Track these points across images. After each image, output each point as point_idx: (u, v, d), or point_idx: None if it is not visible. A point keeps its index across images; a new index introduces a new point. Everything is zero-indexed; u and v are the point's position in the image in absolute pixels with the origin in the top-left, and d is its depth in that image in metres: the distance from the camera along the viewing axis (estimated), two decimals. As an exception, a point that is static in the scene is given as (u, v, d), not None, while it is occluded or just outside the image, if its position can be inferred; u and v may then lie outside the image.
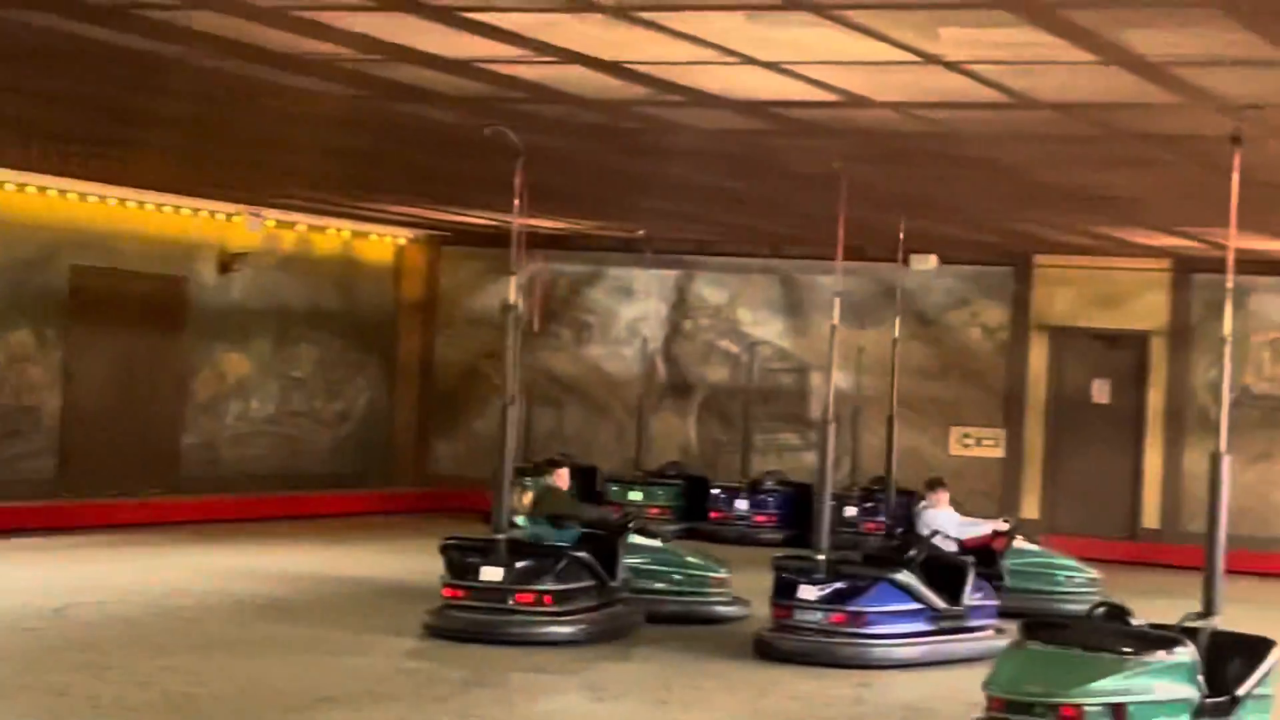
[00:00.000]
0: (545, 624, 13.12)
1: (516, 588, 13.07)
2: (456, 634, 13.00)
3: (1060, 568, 16.49)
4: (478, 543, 13.44)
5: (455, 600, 13.21)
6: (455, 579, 13.23)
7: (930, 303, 23.08)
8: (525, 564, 13.18)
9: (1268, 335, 21.56)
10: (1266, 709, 10.07)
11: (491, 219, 21.79)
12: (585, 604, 13.39)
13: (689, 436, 24.15)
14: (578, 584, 13.32)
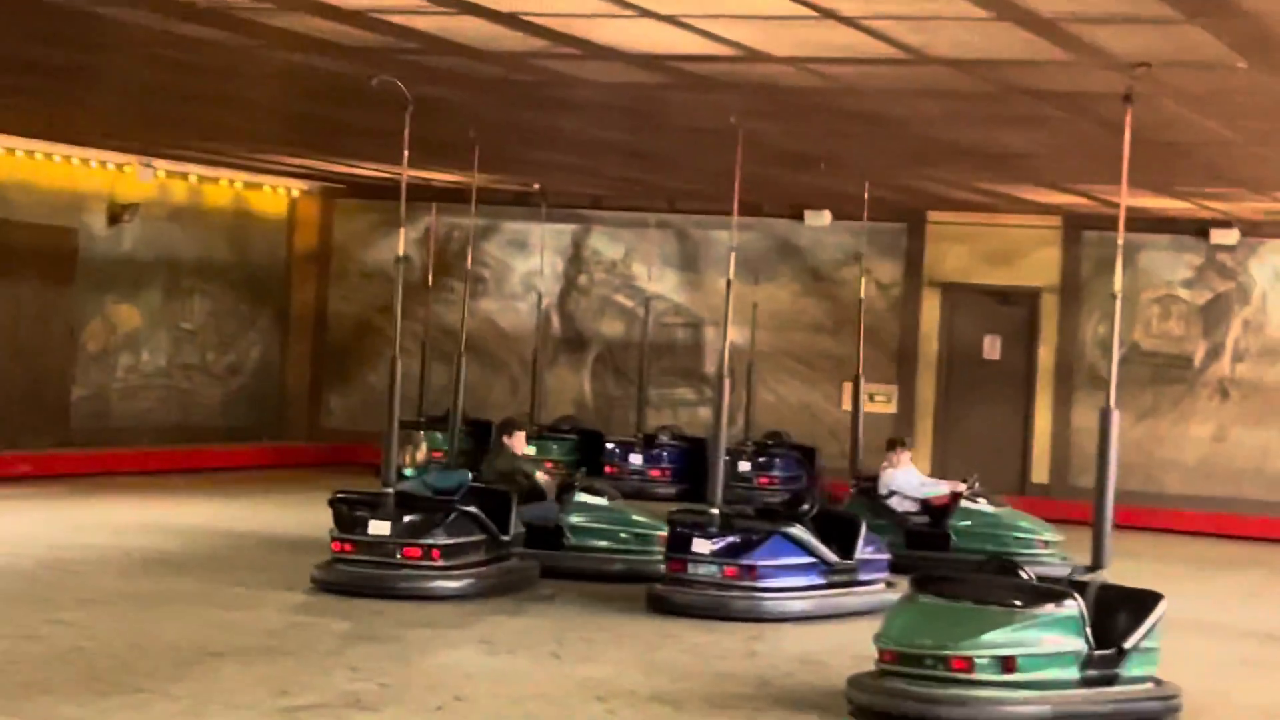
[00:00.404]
0: (434, 578, 13.08)
1: (404, 542, 13.02)
2: (344, 588, 12.94)
3: (1012, 529, 16.05)
4: (366, 496, 13.36)
5: (343, 554, 13.15)
6: (343, 533, 13.17)
7: (824, 259, 23.16)
8: (413, 518, 13.14)
9: (1157, 292, 21.80)
10: (1153, 661, 10.21)
11: (384, 171, 21.67)
12: (475, 558, 13.35)
13: (584, 391, 24.16)
14: (467, 538, 13.27)
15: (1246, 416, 21.43)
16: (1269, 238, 21.36)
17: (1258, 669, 12.34)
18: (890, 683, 9.72)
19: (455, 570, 13.16)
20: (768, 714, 9.82)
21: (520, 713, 9.48)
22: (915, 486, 16.27)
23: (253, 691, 9.61)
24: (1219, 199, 18.81)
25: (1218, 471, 21.35)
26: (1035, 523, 16.36)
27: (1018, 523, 16.19)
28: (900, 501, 16.25)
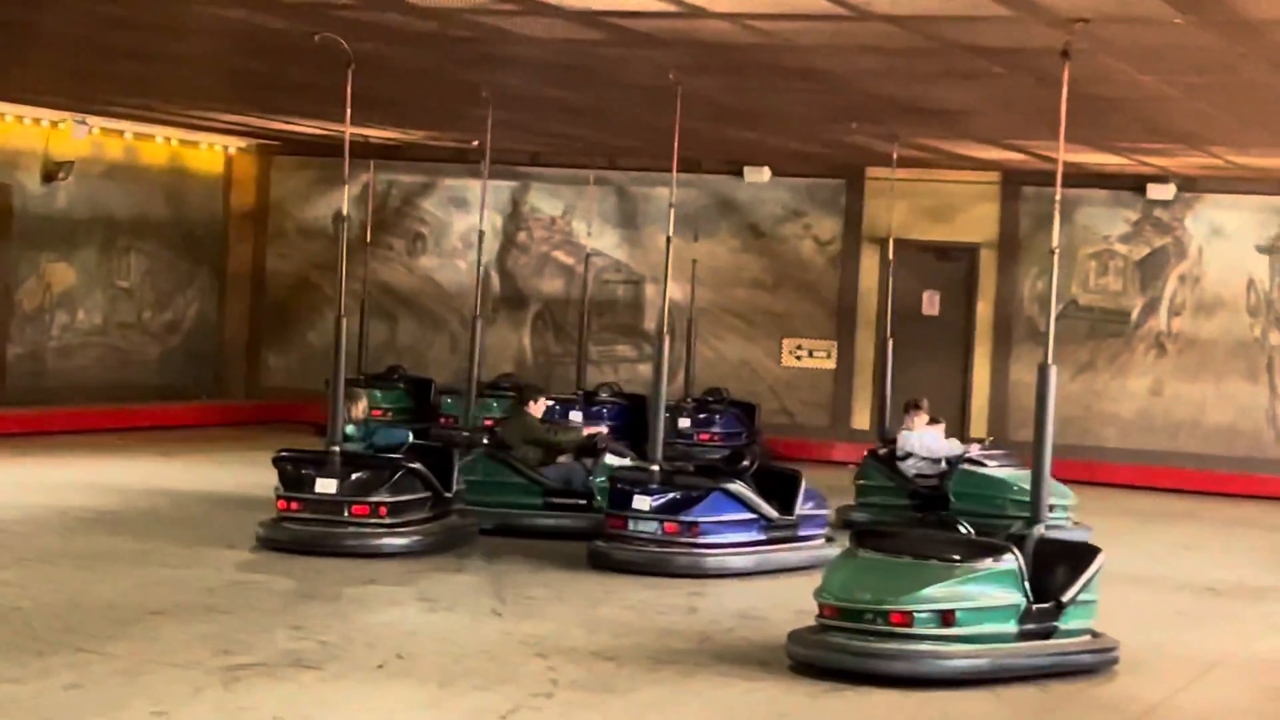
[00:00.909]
0: (381, 536, 13.08)
1: (352, 500, 13.01)
2: (290, 546, 12.93)
3: (1010, 490, 15.33)
4: (312, 455, 13.36)
5: (290, 512, 13.14)
6: (289, 491, 13.15)
7: (763, 215, 23.17)
8: (360, 476, 13.13)
9: (1094, 248, 21.90)
10: (1091, 614, 10.30)
11: (323, 128, 21.54)
12: (420, 515, 13.38)
13: (524, 348, 24.13)
14: (413, 495, 13.30)
15: (1183, 370, 21.58)
16: (1206, 193, 21.48)
17: (1194, 621, 12.46)
18: (830, 637, 9.77)
19: (402, 527, 13.16)
20: (709, 669, 9.86)
21: (461, 670, 9.49)
22: (943, 448, 15.99)
23: (193, 650, 9.58)
24: (1156, 154, 18.89)
25: (1155, 425, 21.50)
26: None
27: (1018, 484, 15.37)
28: (915, 464, 16.05)
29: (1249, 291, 21.37)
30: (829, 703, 9.22)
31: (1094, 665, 10.26)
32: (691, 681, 9.55)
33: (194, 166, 24.52)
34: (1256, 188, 21.14)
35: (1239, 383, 21.38)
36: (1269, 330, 21.29)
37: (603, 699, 9.03)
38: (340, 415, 13.34)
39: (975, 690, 9.55)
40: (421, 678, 9.27)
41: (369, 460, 13.40)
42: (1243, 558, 15.73)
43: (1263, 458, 21.13)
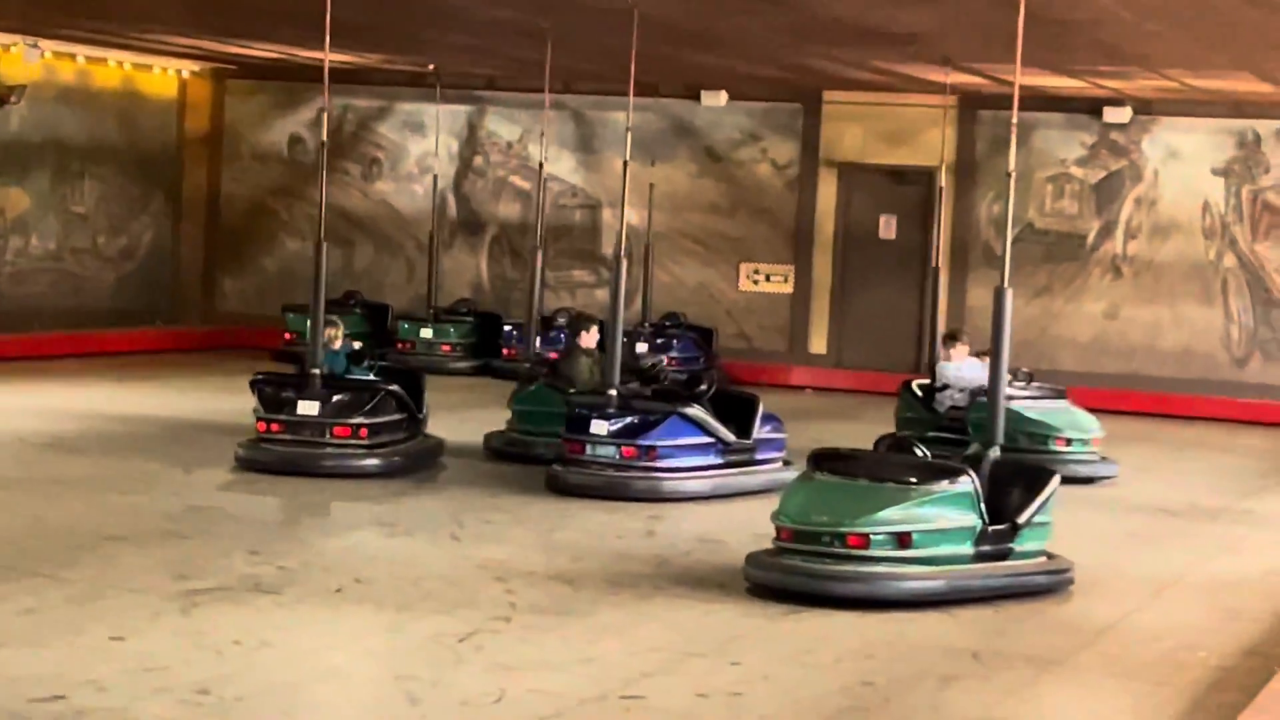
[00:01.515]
0: (360, 457, 13.30)
1: (333, 421, 13.25)
2: (270, 467, 13.12)
3: (1026, 424, 14.85)
4: (292, 378, 13.66)
5: (270, 434, 13.33)
6: (269, 413, 13.34)
7: (720, 139, 23.12)
8: (341, 398, 13.37)
9: (1051, 171, 21.92)
10: (1046, 535, 10.36)
11: (278, 52, 21.39)
12: (397, 437, 13.63)
13: (481, 273, 24.08)
14: (390, 417, 13.55)
15: (1139, 294, 21.65)
16: (1161, 116, 21.51)
17: (1148, 542, 12.55)
18: (787, 560, 9.81)
19: (379, 448, 13.40)
20: (666, 592, 9.90)
21: (419, 593, 9.50)
22: (980, 379, 15.12)
23: (150, 575, 9.58)
24: (1112, 77, 18.89)
25: (1111, 348, 21.59)
26: (1064, 418, 15.28)
27: (1033, 417, 15.03)
28: (951, 395, 15.63)
29: (1204, 214, 21.44)
30: (786, 625, 9.27)
31: (1049, 586, 10.33)
32: (649, 604, 9.59)
33: (147, 90, 24.32)
34: (1212, 110, 21.17)
35: (1194, 306, 21.47)
36: (1224, 253, 21.37)
37: (561, 622, 9.06)
38: (320, 339, 13.49)
39: (931, 611, 9.61)
40: (379, 602, 9.29)
41: (348, 383, 13.64)
42: (1197, 479, 15.84)
43: (1217, 380, 21.25)
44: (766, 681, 8.12)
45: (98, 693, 7.34)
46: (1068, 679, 8.56)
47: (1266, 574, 11.44)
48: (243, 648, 8.19)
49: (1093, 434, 15.28)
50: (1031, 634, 9.44)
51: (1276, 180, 21.21)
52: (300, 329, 22.23)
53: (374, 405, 13.41)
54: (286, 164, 24.59)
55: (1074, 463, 14.82)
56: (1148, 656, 8.99)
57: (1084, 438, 15.21)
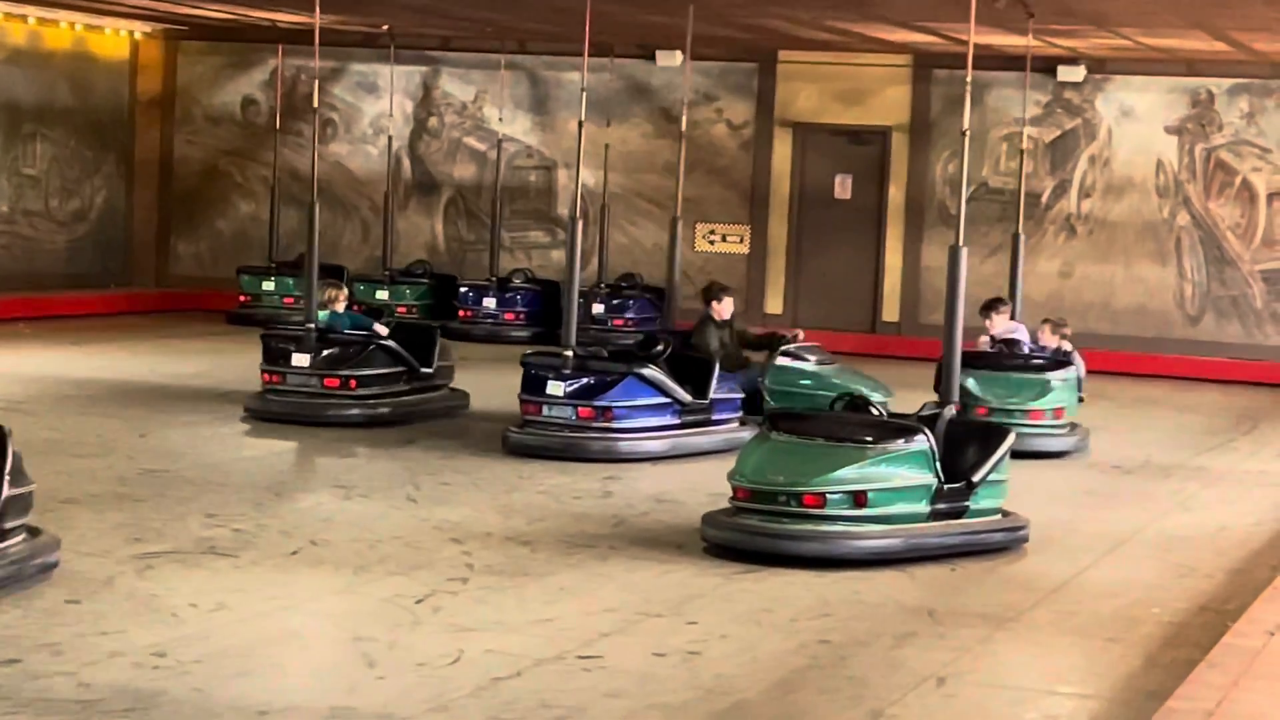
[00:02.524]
0: (346, 407, 14.09)
1: (324, 373, 14.03)
2: (273, 416, 13.94)
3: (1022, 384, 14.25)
4: (294, 333, 14.37)
5: (270, 385, 14.14)
6: (269, 365, 14.16)
7: (675, 99, 23.08)
8: (331, 352, 14.15)
9: (1005, 130, 21.95)
10: (1001, 493, 10.41)
11: (229, 12, 21.27)
12: (392, 389, 14.39)
13: (436, 235, 24.03)
14: (382, 370, 14.29)
15: (1093, 252, 21.73)
16: (1115, 74, 21.56)
17: (1102, 499, 12.62)
18: (744, 519, 9.84)
19: (373, 399, 14.20)
20: (623, 552, 9.92)
21: (376, 556, 9.50)
22: (1028, 347, 14.93)
23: (106, 539, 9.56)
24: (1065, 36, 18.91)
25: (1065, 307, 21.60)
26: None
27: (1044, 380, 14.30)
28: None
29: (1158, 172, 21.52)
30: (743, 584, 9.30)
31: (1004, 544, 10.38)
32: (606, 565, 9.61)
33: (99, 52, 24.18)
34: (1165, 69, 21.23)
35: (1148, 264, 21.56)
36: (1177, 211, 21.46)
37: (518, 583, 9.07)
38: (315, 297, 14.38)
39: (888, 570, 9.65)
40: (336, 564, 9.28)
41: (341, 338, 14.39)
42: (1150, 436, 15.93)
43: (1171, 338, 21.35)
44: (724, 641, 8.15)
45: (53, 657, 7.32)
46: (1022, 636, 8.60)
47: (1219, 530, 11.52)
48: (198, 610, 8.18)
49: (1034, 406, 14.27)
50: (987, 592, 9.49)
51: (1229, 139, 21.30)
52: (255, 291, 22.24)
53: (363, 358, 14.18)
54: (240, 126, 24.48)
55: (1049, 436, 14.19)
56: (1102, 613, 9.05)
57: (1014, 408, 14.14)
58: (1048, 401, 14.26)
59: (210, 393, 15.70)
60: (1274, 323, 21.21)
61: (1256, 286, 21.25)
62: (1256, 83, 21.13)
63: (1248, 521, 11.87)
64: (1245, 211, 21.27)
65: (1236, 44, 18.70)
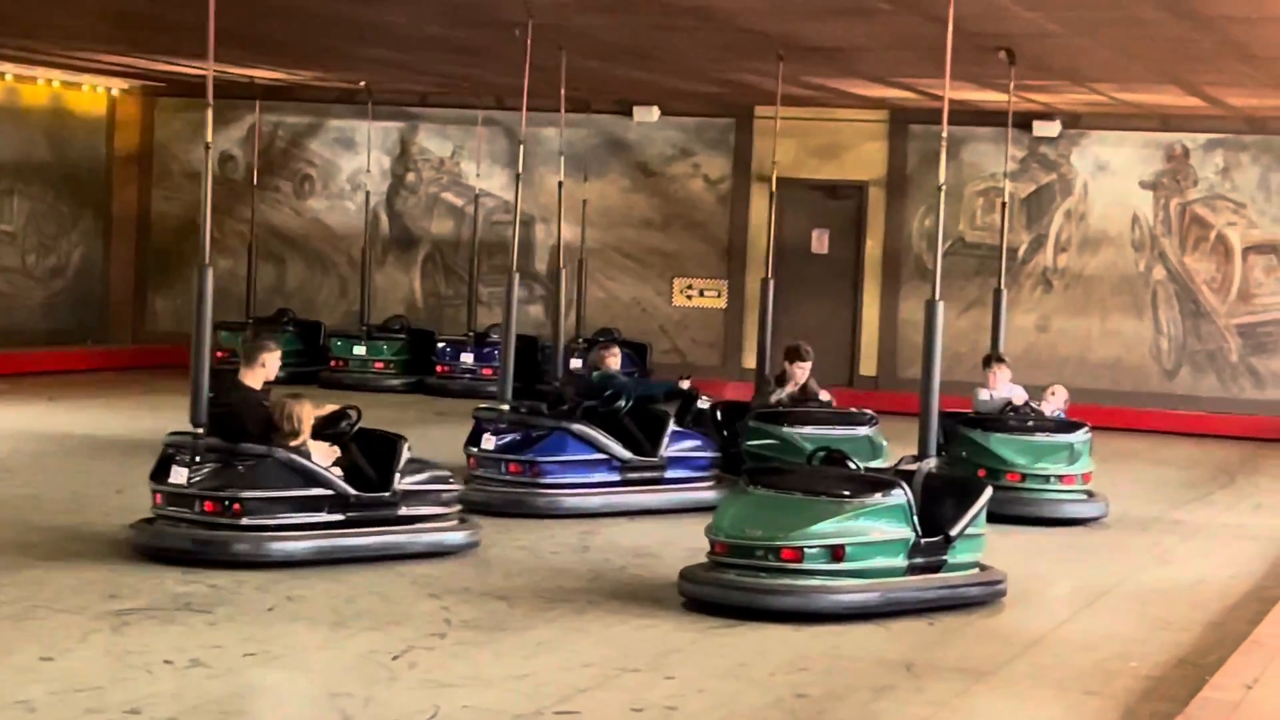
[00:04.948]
0: None
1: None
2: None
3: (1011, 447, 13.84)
4: None
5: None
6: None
7: (653, 154, 23.16)
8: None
9: (981, 185, 22.04)
10: (979, 547, 10.41)
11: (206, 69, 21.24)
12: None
13: (414, 290, 24.03)
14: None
15: (1069, 306, 21.79)
16: (1090, 129, 21.66)
17: (1080, 553, 12.61)
18: (722, 574, 9.83)
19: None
20: (601, 607, 9.89)
21: (353, 611, 9.47)
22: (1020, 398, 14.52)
23: (81, 595, 9.51)
24: (1041, 91, 19.00)
25: (1041, 361, 21.68)
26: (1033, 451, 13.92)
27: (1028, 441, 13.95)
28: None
29: (1133, 227, 21.60)
30: (721, 638, 9.28)
31: (982, 598, 10.37)
32: (584, 619, 9.58)
33: (76, 108, 24.19)
34: (1140, 124, 21.34)
35: (1124, 317, 21.63)
36: (1153, 265, 21.54)
37: (495, 638, 9.04)
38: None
39: (865, 624, 9.64)
40: (312, 619, 9.25)
41: None
42: (1127, 490, 15.93)
43: (1148, 392, 21.40)
44: (701, 695, 8.13)
45: (28, 713, 7.28)
46: (1000, 690, 8.59)
47: (1196, 584, 11.53)
48: (174, 667, 8.14)
49: (1067, 470, 13.83)
50: (964, 645, 9.47)
51: (1205, 193, 21.39)
52: (233, 346, 22.19)
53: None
54: (217, 181, 24.46)
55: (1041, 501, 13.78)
56: (1079, 666, 9.04)
57: (1048, 473, 13.77)
58: (1080, 466, 13.87)
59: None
60: (1250, 377, 21.27)
61: (1232, 340, 21.32)
62: (1231, 137, 21.24)
63: (1225, 575, 11.87)
64: (1220, 266, 21.35)
65: (1211, 99, 18.80)
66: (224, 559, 10.36)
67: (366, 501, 10.86)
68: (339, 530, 10.75)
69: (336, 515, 10.74)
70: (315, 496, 10.65)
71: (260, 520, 10.47)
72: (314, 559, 10.59)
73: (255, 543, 10.43)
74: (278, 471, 10.54)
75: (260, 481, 10.49)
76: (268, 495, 10.50)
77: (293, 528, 10.58)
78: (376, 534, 10.89)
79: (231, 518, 10.43)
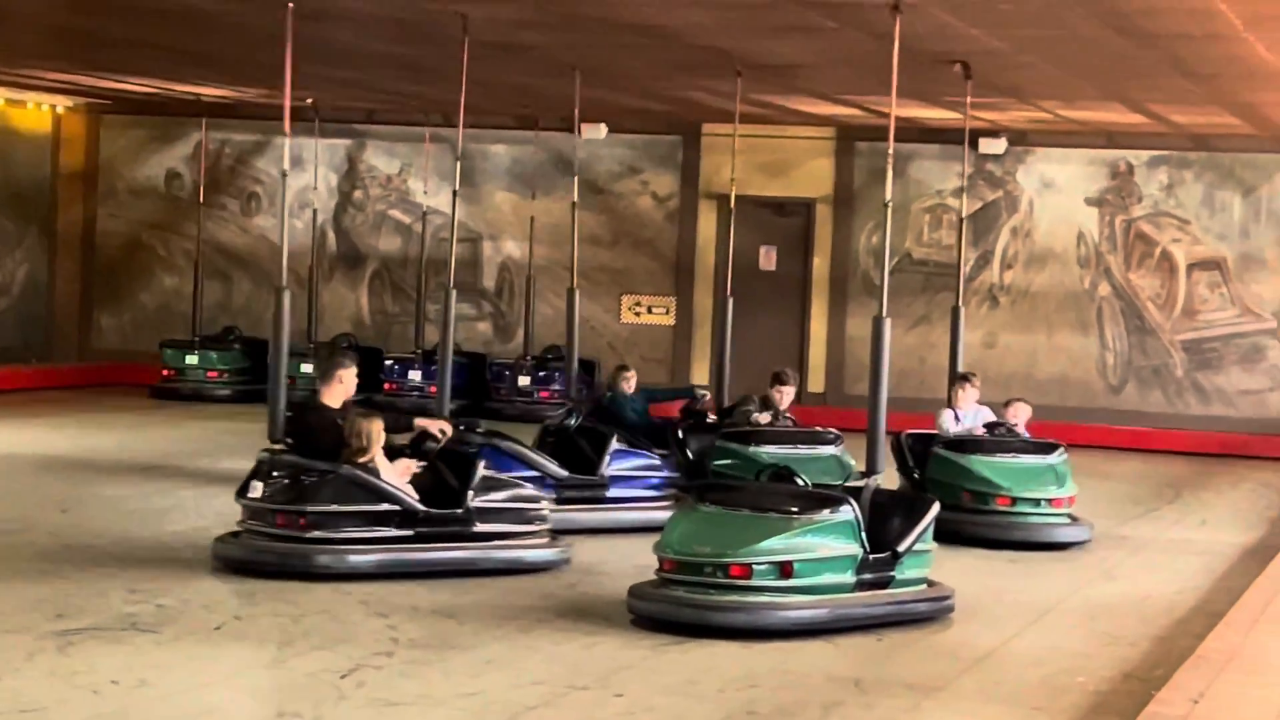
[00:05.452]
0: None
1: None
2: None
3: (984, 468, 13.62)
4: None
5: None
6: None
7: (601, 171, 23.17)
8: None
9: (927, 202, 22.12)
10: (926, 563, 10.44)
11: (152, 86, 21.21)
12: None
13: (361, 308, 23.97)
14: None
15: (1015, 322, 21.87)
16: (1036, 146, 21.76)
17: (1027, 568, 12.65)
18: (671, 591, 9.83)
19: None
20: (550, 624, 9.88)
21: (301, 630, 9.43)
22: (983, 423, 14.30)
23: (26, 615, 9.45)
24: (987, 109, 19.08)
25: (989, 377, 21.64)
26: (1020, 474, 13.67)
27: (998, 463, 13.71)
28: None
29: (1079, 243, 21.71)
30: (670, 656, 9.27)
31: (930, 613, 10.40)
32: (533, 637, 9.56)
33: (21, 126, 24.07)
34: (1085, 141, 21.46)
35: (1070, 334, 21.72)
36: (1099, 282, 21.64)
37: (444, 656, 9.02)
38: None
39: (814, 640, 9.65)
40: (260, 639, 9.21)
41: None
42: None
43: (1094, 407, 21.49)
44: (651, 713, 8.12)
45: (-28, 735, 7.23)
46: (948, 705, 8.60)
47: (1144, 599, 11.58)
48: (120, 687, 8.09)
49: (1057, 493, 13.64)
50: (913, 661, 9.49)
51: (1149, 210, 21.51)
52: (178, 365, 22.12)
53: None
54: (163, 199, 24.40)
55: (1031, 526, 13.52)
56: (1027, 682, 9.06)
57: (1038, 497, 13.55)
58: (1067, 489, 13.69)
59: (133, 467, 15.59)
60: (1195, 392, 21.39)
61: (1177, 356, 21.44)
62: (1175, 154, 21.37)
63: (1171, 590, 11.93)
64: (1165, 282, 21.47)
65: (1155, 116, 18.92)
66: (293, 571, 10.69)
67: (437, 517, 11.15)
68: (409, 545, 11.06)
69: (406, 530, 11.05)
70: (383, 511, 10.98)
71: (327, 534, 10.85)
72: (382, 572, 10.87)
73: (322, 556, 10.80)
74: (345, 487, 10.89)
75: (327, 496, 10.86)
76: (334, 510, 10.86)
77: (360, 541, 10.92)
78: (448, 549, 11.19)
79: (298, 531, 10.81)
